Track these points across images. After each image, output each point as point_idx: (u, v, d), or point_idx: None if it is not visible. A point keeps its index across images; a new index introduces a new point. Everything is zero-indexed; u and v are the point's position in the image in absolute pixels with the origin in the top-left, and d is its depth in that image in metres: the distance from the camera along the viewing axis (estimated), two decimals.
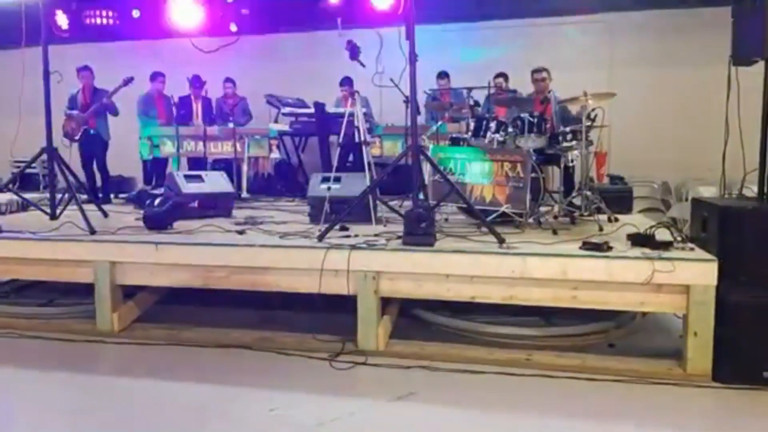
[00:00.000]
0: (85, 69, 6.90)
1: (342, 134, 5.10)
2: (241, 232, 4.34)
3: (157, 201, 4.84)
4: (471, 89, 5.84)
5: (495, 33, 8.35)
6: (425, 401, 3.08)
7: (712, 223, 3.43)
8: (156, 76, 7.61)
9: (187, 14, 7.09)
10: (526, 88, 6.59)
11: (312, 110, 7.36)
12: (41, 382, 3.42)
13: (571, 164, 4.78)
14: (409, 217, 3.80)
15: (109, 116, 7.01)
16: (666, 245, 3.48)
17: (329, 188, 4.61)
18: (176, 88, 7.63)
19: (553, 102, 5.95)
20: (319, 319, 3.89)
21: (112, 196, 7.20)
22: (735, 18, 3.68)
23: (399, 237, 3.86)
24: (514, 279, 3.47)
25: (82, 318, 4.27)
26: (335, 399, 3.09)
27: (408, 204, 4.63)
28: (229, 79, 7.96)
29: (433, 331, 4.04)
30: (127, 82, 6.62)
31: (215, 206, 5.31)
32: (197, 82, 7.63)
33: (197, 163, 7.28)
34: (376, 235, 4.05)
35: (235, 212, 5.46)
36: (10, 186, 5.74)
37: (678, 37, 7.82)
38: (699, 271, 3.24)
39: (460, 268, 3.55)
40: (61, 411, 3.15)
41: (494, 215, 4.36)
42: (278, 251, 3.82)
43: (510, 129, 4.77)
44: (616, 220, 4.58)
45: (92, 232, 4.32)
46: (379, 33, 4.36)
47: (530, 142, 4.62)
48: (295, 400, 3.10)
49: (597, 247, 3.49)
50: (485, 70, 6.91)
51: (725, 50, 3.72)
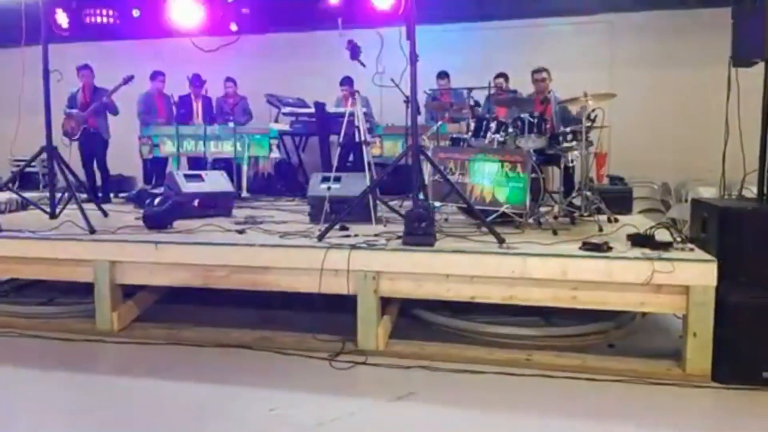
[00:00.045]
0: (85, 68, 6.89)
1: (342, 134, 5.10)
2: (241, 232, 4.34)
3: (156, 200, 4.84)
4: (471, 89, 5.85)
5: (495, 33, 8.35)
6: (425, 401, 3.08)
7: (712, 224, 3.44)
8: (156, 75, 7.61)
9: (187, 13, 7.08)
10: (527, 89, 6.59)
11: (312, 110, 7.37)
12: (41, 382, 3.41)
13: (571, 165, 4.79)
14: (409, 216, 3.80)
15: (109, 115, 7.01)
16: (666, 246, 3.49)
17: (329, 188, 4.61)
18: (176, 87, 7.64)
19: (553, 102, 5.96)
20: (319, 319, 3.88)
21: (111, 195, 7.19)
22: (735, 19, 3.68)
23: (399, 237, 3.87)
24: (514, 279, 3.47)
25: (82, 317, 4.27)
26: (335, 399, 3.09)
27: (408, 204, 4.63)
28: (230, 79, 7.97)
29: (433, 331, 4.04)
30: (127, 80, 6.61)
31: (215, 206, 5.31)
32: (197, 82, 7.64)
33: (197, 163, 7.28)
34: (376, 235, 4.05)
35: (235, 212, 5.46)
36: (10, 185, 5.72)
37: (678, 38, 7.83)
38: (699, 272, 3.24)
39: (460, 268, 3.55)
40: (61, 410, 3.15)
41: (494, 215, 4.36)
42: (278, 251, 3.82)
43: (510, 129, 4.77)
44: (616, 220, 4.58)
45: (92, 231, 4.32)
46: (379, 33, 4.35)
47: (530, 143, 4.63)
48: (295, 399, 3.10)
49: (597, 248, 3.49)
50: (485, 71, 6.91)
51: (725, 51, 3.72)
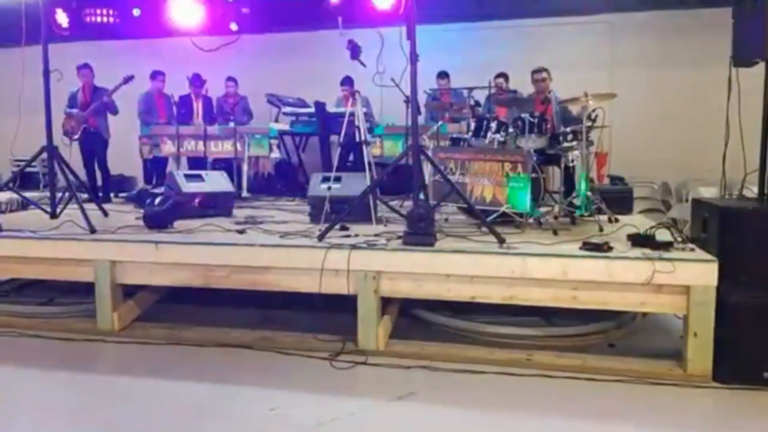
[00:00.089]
0: (85, 67, 6.89)
1: (342, 134, 5.10)
2: (241, 232, 4.34)
3: (157, 200, 4.84)
4: (471, 89, 5.84)
5: (495, 33, 8.35)
6: (425, 401, 3.08)
7: (713, 224, 3.43)
8: (156, 75, 7.61)
9: (187, 13, 7.09)
10: (527, 89, 6.59)
11: (312, 110, 7.37)
12: (41, 381, 3.41)
13: (571, 164, 4.78)
14: (411, 216, 3.80)
15: (109, 115, 7.01)
16: (666, 246, 3.48)
17: (329, 188, 4.61)
18: (176, 87, 7.63)
19: (553, 102, 5.95)
20: (320, 319, 3.88)
21: (112, 195, 7.19)
22: (735, 19, 3.68)
23: (399, 237, 3.86)
24: (514, 279, 3.47)
25: (83, 317, 4.27)
26: (335, 399, 3.09)
27: (408, 204, 4.63)
28: (231, 78, 7.98)
29: (433, 331, 4.04)
30: (128, 80, 6.61)
31: (215, 205, 5.31)
32: (197, 81, 7.64)
33: (197, 163, 7.28)
34: (377, 235, 4.04)
35: (235, 212, 5.45)
36: (10, 185, 5.72)
37: (678, 38, 7.83)
38: (699, 272, 3.24)
39: (461, 268, 3.55)
40: (61, 410, 3.15)
41: (494, 215, 4.36)
42: (278, 251, 3.82)
43: (510, 129, 4.77)
44: (617, 220, 4.58)
45: (92, 231, 4.32)
46: (380, 33, 4.35)
47: (531, 143, 4.62)
48: (295, 399, 3.10)
49: (597, 248, 3.49)
50: (485, 71, 6.91)
51: (726, 51, 3.72)
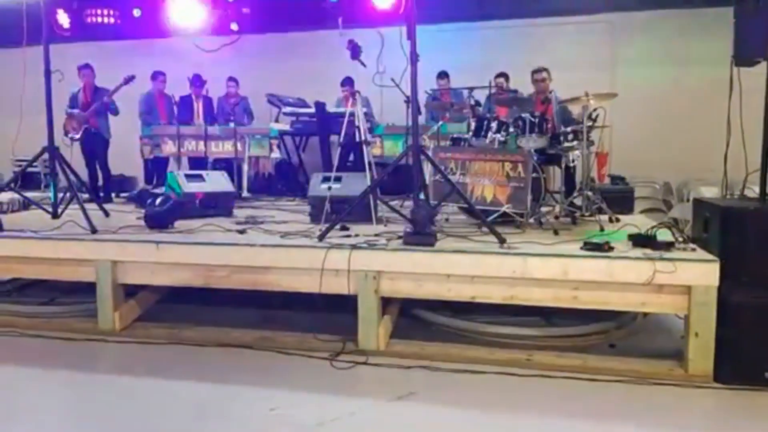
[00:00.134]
0: (86, 67, 6.90)
1: (343, 134, 5.10)
2: (241, 232, 4.34)
3: (158, 200, 4.84)
4: (472, 89, 5.84)
5: (495, 33, 8.34)
6: (425, 401, 3.08)
7: (714, 224, 3.42)
8: (157, 76, 7.62)
9: (188, 13, 7.09)
10: (527, 88, 6.58)
11: (313, 110, 7.37)
12: (43, 381, 3.42)
13: (572, 164, 4.78)
14: (415, 216, 3.79)
15: (110, 115, 7.01)
16: (667, 246, 3.48)
17: (330, 188, 4.61)
18: (177, 87, 7.64)
19: (554, 102, 5.95)
20: (320, 319, 3.88)
21: (113, 195, 7.20)
22: (737, 18, 3.66)
23: (399, 237, 3.86)
24: (514, 279, 3.46)
25: (84, 317, 4.28)
26: (335, 399, 3.09)
27: (409, 204, 4.62)
28: (232, 78, 8.00)
29: (433, 331, 4.04)
30: (128, 80, 6.61)
31: (216, 205, 5.31)
32: (198, 82, 7.65)
33: (198, 163, 7.29)
34: (377, 235, 4.04)
35: (235, 212, 5.46)
36: (12, 185, 5.73)
37: (679, 38, 7.82)
38: (700, 272, 3.23)
39: (461, 268, 3.54)
40: (62, 409, 3.16)
41: (495, 215, 4.36)
42: (279, 251, 3.82)
43: (511, 129, 4.77)
44: (618, 220, 4.57)
45: (94, 231, 4.32)
46: (380, 32, 4.34)
47: (531, 143, 4.62)
48: (295, 399, 3.10)
49: (598, 248, 3.48)
50: (486, 70, 6.90)
51: (727, 50, 3.71)
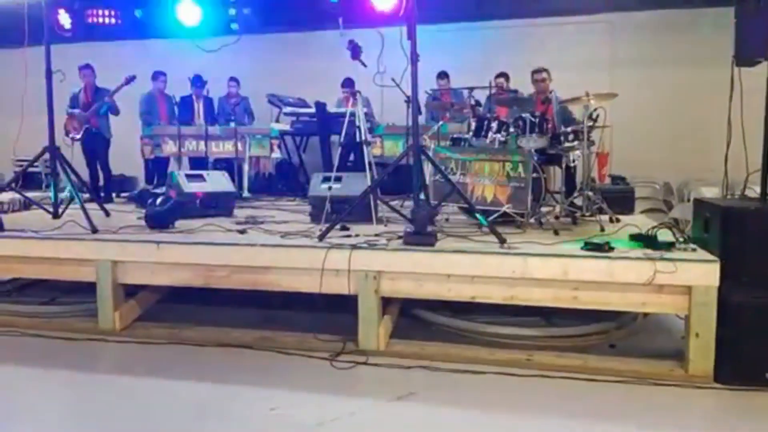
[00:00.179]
0: (86, 67, 6.90)
1: (343, 134, 5.10)
2: (242, 232, 4.35)
3: (158, 200, 4.85)
4: (472, 89, 5.84)
5: (495, 33, 8.34)
6: (425, 401, 3.08)
7: (715, 224, 3.42)
8: (157, 76, 7.63)
9: (188, 14, 7.10)
10: (527, 89, 6.58)
11: (313, 110, 7.37)
12: (43, 381, 3.42)
13: (572, 164, 4.78)
14: (416, 216, 3.79)
15: (111, 115, 7.01)
16: (668, 246, 3.48)
17: (330, 188, 4.61)
18: (178, 87, 7.65)
19: (554, 102, 5.95)
20: (320, 319, 3.89)
21: (113, 195, 7.21)
22: (738, 18, 3.66)
23: (400, 237, 3.86)
24: (514, 279, 3.46)
25: (84, 316, 4.28)
26: (335, 399, 3.09)
27: (409, 204, 4.62)
28: (233, 78, 8.02)
29: (433, 331, 4.04)
30: (129, 80, 6.62)
31: (216, 205, 5.31)
32: (198, 82, 7.65)
33: (199, 163, 7.29)
34: (377, 235, 4.04)
35: (236, 212, 5.46)
36: (13, 185, 5.74)
37: (679, 37, 7.81)
38: (701, 272, 3.23)
39: (461, 268, 3.54)
40: (63, 409, 3.16)
41: (495, 215, 4.36)
42: (279, 251, 3.82)
43: (511, 129, 4.77)
44: (618, 220, 4.57)
45: (94, 231, 4.32)
46: (380, 32, 4.34)
47: (532, 143, 4.62)
48: (295, 399, 3.10)
49: (598, 248, 3.48)
50: (485, 71, 6.90)
51: (727, 50, 3.71)
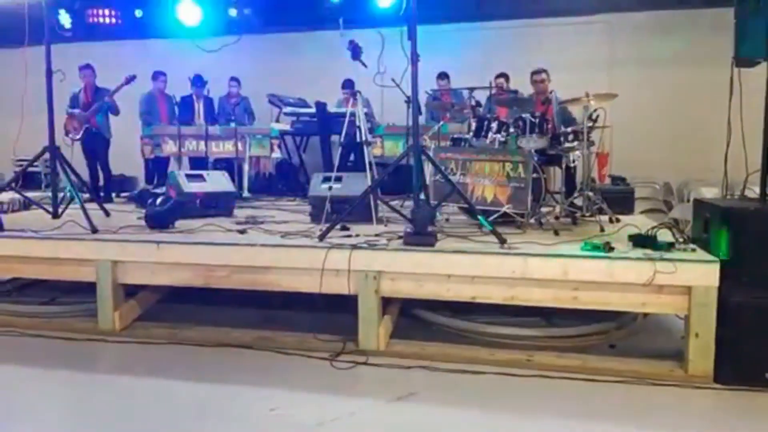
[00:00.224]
0: (86, 67, 6.90)
1: (343, 134, 5.10)
2: (242, 232, 4.35)
3: (158, 200, 4.85)
4: (472, 89, 5.84)
5: (495, 33, 8.35)
6: (425, 401, 3.08)
7: (714, 224, 3.43)
8: (157, 76, 7.63)
9: (188, 14, 7.11)
10: (527, 89, 6.59)
11: (313, 110, 7.38)
12: (42, 381, 3.42)
13: (572, 165, 4.78)
14: (416, 216, 3.79)
15: (111, 115, 7.01)
16: (668, 246, 3.48)
17: (330, 188, 4.61)
18: (178, 87, 7.65)
19: (554, 103, 5.95)
20: (320, 319, 3.89)
21: (113, 195, 7.21)
22: (737, 19, 3.66)
23: (400, 237, 3.87)
24: (515, 279, 3.46)
25: (84, 316, 4.28)
26: (335, 399, 3.09)
27: (409, 204, 4.62)
28: (234, 78, 8.03)
29: (433, 331, 4.04)
30: (129, 80, 6.62)
31: (216, 205, 5.31)
32: (199, 82, 7.65)
33: (199, 163, 7.30)
34: (377, 235, 4.04)
35: (236, 212, 5.46)
36: (13, 185, 5.74)
37: (679, 38, 7.82)
38: (701, 272, 3.23)
39: (461, 269, 3.54)
40: (62, 409, 3.16)
41: (495, 215, 4.36)
42: (279, 251, 3.82)
43: (511, 129, 4.77)
44: (618, 220, 4.57)
45: (94, 231, 4.32)
46: (380, 33, 4.34)
47: (532, 143, 4.62)
48: (295, 399, 3.10)
49: (598, 248, 3.48)
50: (485, 71, 6.91)
51: (726, 51, 3.71)
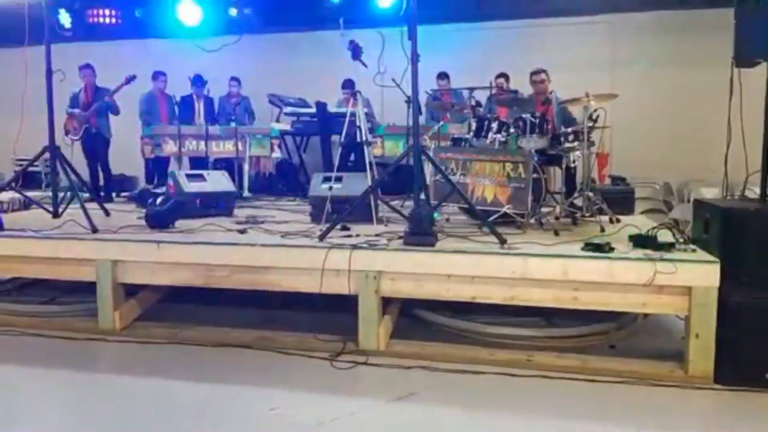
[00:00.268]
0: (86, 67, 6.90)
1: (344, 134, 5.10)
2: (242, 232, 4.35)
3: (158, 200, 4.85)
4: (472, 89, 5.84)
5: (495, 33, 8.35)
6: (425, 401, 3.08)
7: (715, 225, 3.43)
8: (157, 75, 7.63)
9: (189, 13, 7.11)
10: (527, 89, 6.58)
11: (314, 110, 7.38)
12: (43, 380, 3.42)
13: (572, 165, 4.78)
14: (413, 217, 3.79)
15: (111, 115, 7.01)
16: (668, 246, 3.48)
17: (331, 188, 4.61)
18: (178, 87, 7.65)
19: (554, 103, 5.95)
20: (320, 319, 3.89)
21: (114, 194, 7.21)
22: (737, 19, 3.65)
23: (400, 237, 3.87)
24: (515, 279, 3.46)
25: (84, 316, 4.27)
26: (335, 399, 3.09)
27: (409, 204, 4.62)
28: (234, 78, 8.03)
29: (433, 331, 4.04)
30: (129, 80, 6.62)
31: (217, 205, 5.31)
32: (199, 82, 7.65)
33: (199, 163, 7.30)
34: (377, 235, 4.05)
35: (236, 211, 5.46)
36: (13, 184, 5.74)
37: (679, 39, 7.82)
38: (701, 273, 3.23)
39: (461, 269, 3.54)
40: (62, 409, 3.16)
41: (496, 216, 4.36)
42: (279, 251, 3.82)
43: (512, 129, 4.77)
44: (618, 221, 4.57)
45: (94, 230, 4.32)
46: (381, 33, 4.34)
47: (532, 143, 4.62)
48: (295, 399, 3.10)
49: (598, 248, 3.48)
50: (486, 71, 6.91)
51: (727, 51, 3.71)
